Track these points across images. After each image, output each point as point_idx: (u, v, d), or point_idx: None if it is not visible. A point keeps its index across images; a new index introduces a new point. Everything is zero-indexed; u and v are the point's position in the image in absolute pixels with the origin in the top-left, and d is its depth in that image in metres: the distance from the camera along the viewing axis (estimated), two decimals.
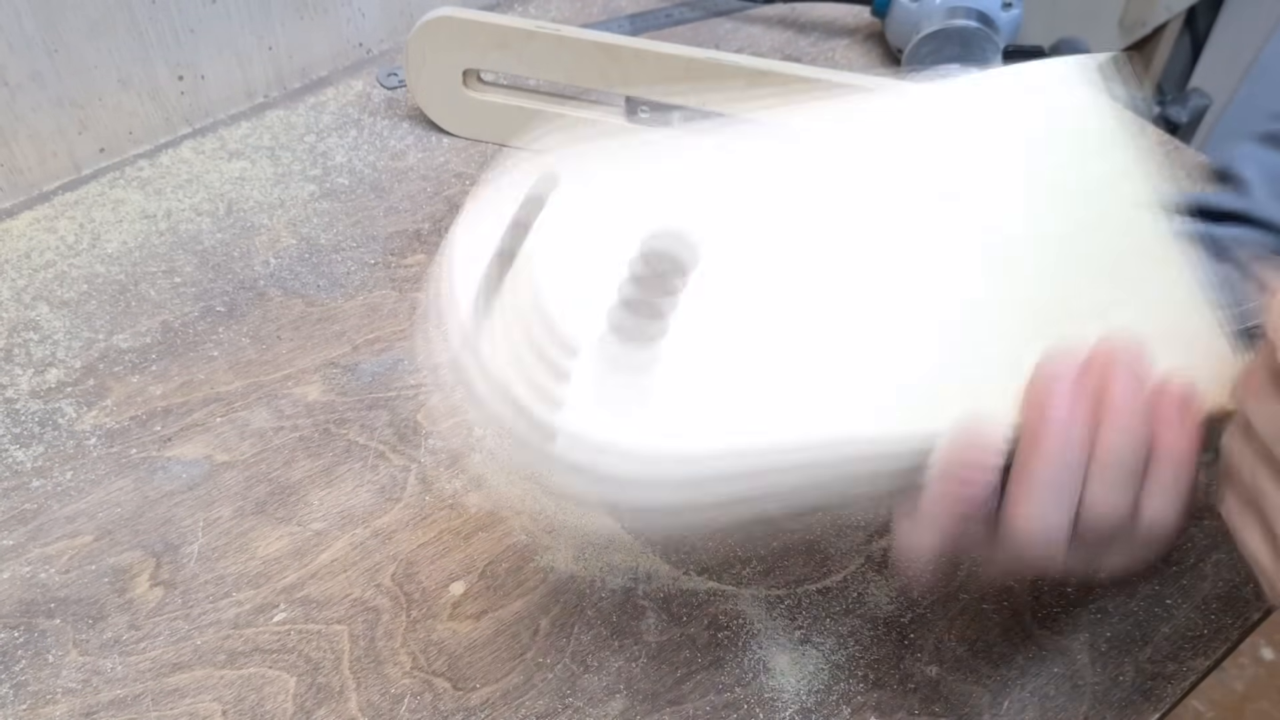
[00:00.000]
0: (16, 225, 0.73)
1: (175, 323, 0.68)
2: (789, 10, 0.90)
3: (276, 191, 0.76)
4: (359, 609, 0.55)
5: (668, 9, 0.89)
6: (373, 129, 0.80)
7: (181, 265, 0.71)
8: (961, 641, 0.54)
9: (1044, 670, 0.54)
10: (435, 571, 0.57)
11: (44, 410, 0.63)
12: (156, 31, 0.74)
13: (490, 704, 0.52)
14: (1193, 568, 0.57)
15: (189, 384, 0.65)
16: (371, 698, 0.52)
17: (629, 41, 0.72)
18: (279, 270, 0.71)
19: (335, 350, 0.66)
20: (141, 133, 0.78)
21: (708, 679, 0.53)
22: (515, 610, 0.55)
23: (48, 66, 0.71)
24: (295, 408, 0.63)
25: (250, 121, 0.81)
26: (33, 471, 0.60)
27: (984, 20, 0.80)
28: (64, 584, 0.56)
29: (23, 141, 0.73)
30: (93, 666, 0.53)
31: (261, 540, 0.58)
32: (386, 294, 0.70)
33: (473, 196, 0.44)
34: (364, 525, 0.58)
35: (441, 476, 0.60)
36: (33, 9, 0.68)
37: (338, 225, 0.74)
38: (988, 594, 0.56)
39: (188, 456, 0.61)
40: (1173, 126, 0.95)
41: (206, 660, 0.53)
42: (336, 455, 0.61)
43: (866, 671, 0.53)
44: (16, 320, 0.68)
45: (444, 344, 0.41)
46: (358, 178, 0.77)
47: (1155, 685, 0.53)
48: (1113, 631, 0.55)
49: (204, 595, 0.56)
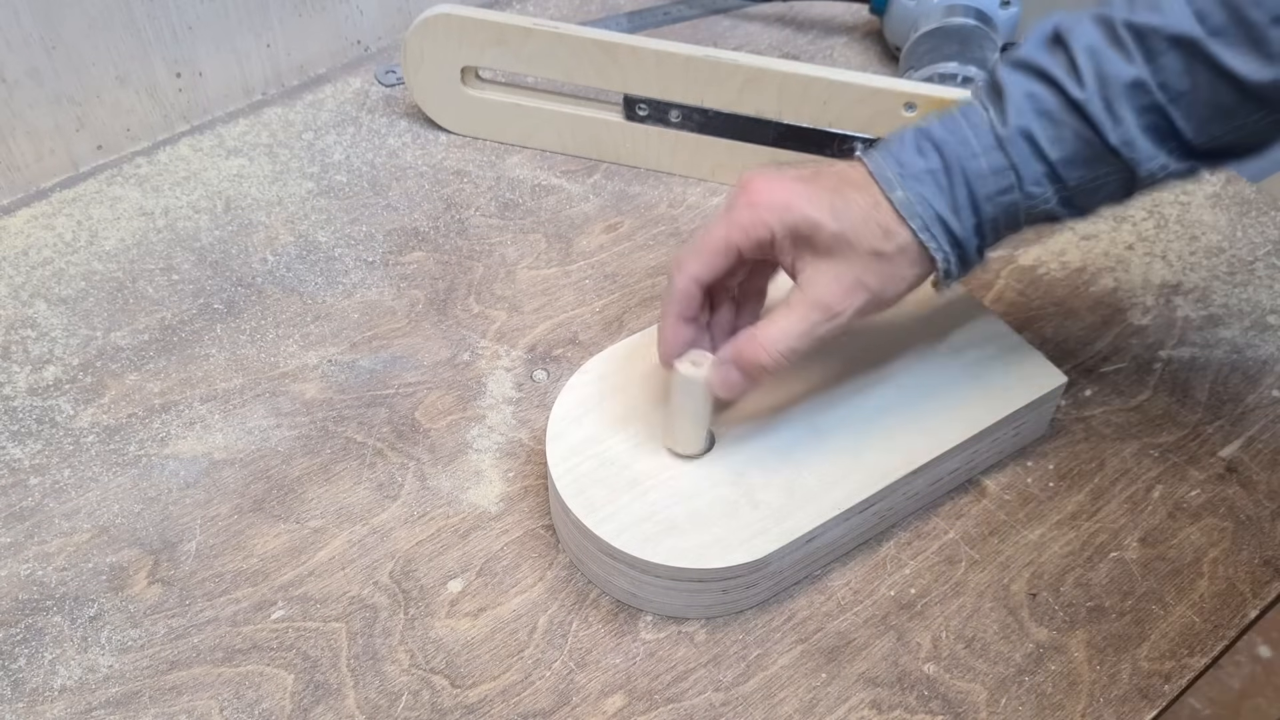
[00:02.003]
0: (14, 223, 0.73)
1: (173, 320, 0.68)
2: (787, 8, 0.90)
3: (274, 189, 0.76)
4: (357, 606, 0.55)
5: (666, 7, 0.89)
6: (371, 126, 0.80)
7: (179, 263, 0.71)
8: (959, 639, 0.55)
9: (1041, 668, 0.54)
10: (433, 569, 0.57)
11: (41, 407, 0.63)
12: (154, 29, 0.74)
13: (488, 701, 0.52)
14: (1190, 565, 0.57)
15: (187, 381, 0.65)
16: (369, 695, 0.52)
17: (627, 39, 0.72)
18: (277, 267, 0.71)
19: (333, 348, 0.66)
20: (139, 130, 0.78)
21: (705, 676, 0.53)
22: (513, 608, 0.55)
23: (45, 63, 0.71)
24: (293, 405, 0.63)
25: (248, 119, 0.81)
26: (30, 469, 0.60)
27: (982, 18, 0.80)
28: (61, 581, 0.56)
29: (20, 138, 0.73)
30: (90, 664, 0.53)
31: (259, 538, 0.58)
32: (384, 291, 0.70)
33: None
34: (362, 523, 0.58)
35: (440, 474, 0.60)
36: (31, 6, 0.68)
37: (336, 222, 0.74)
38: (985, 592, 0.56)
39: (186, 454, 0.61)
40: None
41: (204, 658, 0.53)
42: (334, 453, 0.61)
43: (865, 669, 0.53)
44: (14, 317, 0.67)
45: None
46: (356, 175, 0.77)
47: (1152, 683, 0.53)
48: (1110, 629, 0.55)
49: (202, 593, 0.56)
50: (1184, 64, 0.47)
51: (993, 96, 0.50)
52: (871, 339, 0.60)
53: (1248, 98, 0.47)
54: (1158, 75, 0.47)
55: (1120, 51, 0.47)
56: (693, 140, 0.75)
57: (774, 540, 0.52)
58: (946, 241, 0.50)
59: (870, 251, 0.50)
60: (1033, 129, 0.49)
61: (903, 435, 0.56)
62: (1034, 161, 0.49)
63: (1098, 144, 0.48)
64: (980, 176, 0.50)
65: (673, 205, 0.76)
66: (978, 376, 0.59)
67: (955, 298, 0.63)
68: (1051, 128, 0.49)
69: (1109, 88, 0.47)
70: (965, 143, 0.50)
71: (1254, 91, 0.46)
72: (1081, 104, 0.48)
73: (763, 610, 0.55)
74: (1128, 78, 0.47)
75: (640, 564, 0.52)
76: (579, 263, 0.72)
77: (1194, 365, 0.66)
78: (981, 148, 0.49)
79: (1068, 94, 0.48)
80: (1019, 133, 0.49)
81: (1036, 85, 0.49)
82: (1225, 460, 0.62)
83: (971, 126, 0.50)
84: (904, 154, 0.50)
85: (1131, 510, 0.60)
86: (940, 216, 0.50)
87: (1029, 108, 0.49)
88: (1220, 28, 0.46)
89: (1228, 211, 0.75)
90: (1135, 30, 0.47)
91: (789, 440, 0.56)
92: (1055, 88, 0.48)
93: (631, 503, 0.53)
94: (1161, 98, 0.47)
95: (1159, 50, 0.47)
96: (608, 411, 0.57)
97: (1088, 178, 0.50)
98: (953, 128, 0.50)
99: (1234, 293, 0.70)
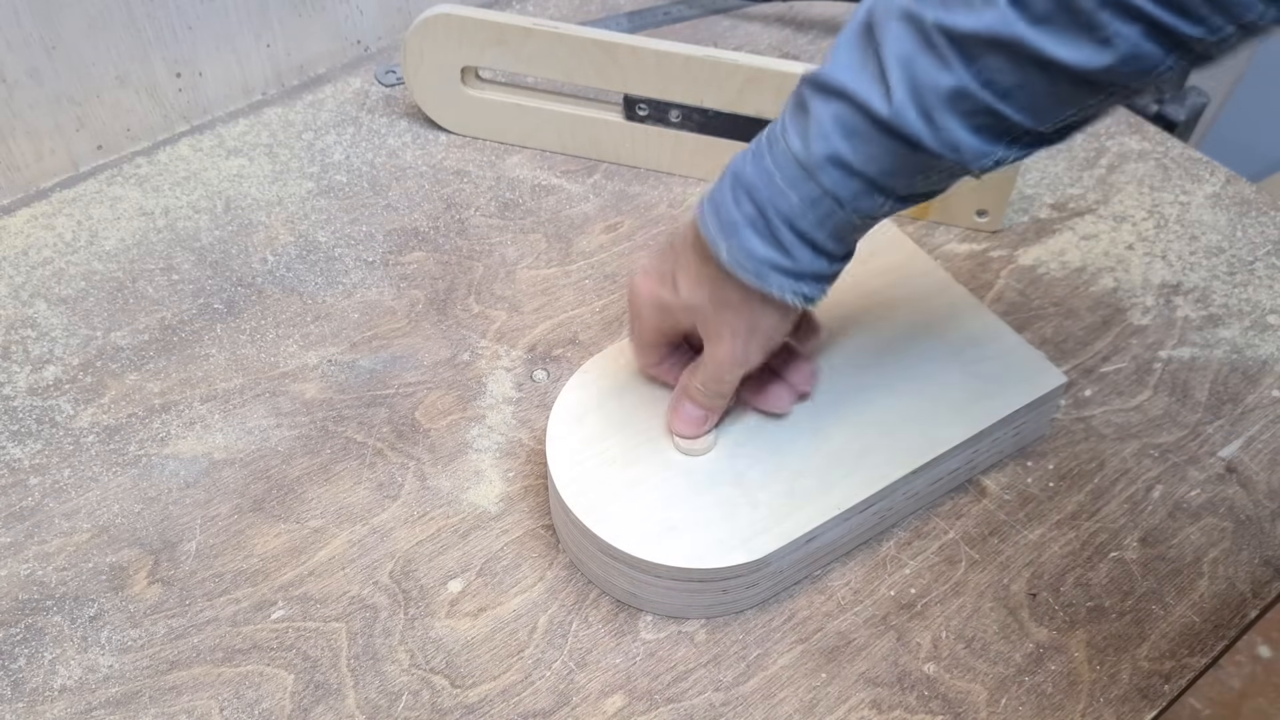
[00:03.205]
0: (14, 222, 0.73)
1: (173, 320, 0.68)
2: (787, 8, 0.90)
3: (274, 189, 0.76)
4: (357, 606, 0.55)
5: (666, 6, 0.89)
6: (371, 126, 0.80)
7: (179, 263, 0.71)
8: (959, 639, 0.55)
9: (1041, 668, 0.54)
10: (433, 569, 0.57)
11: (41, 407, 0.63)
12: (154, 28, 0.74)
13: (488, 701, 0.52)
14: (1190, 565, 0.57)
15: (187, 381, 0.65)
16: (369, 695, 0.52)
17: (627, 39, 0.72)
18: (277, 267, 0.71)
19: (333, 348, 0.66)
20: (139, 130, 0.78)
21: (705, 676, 0.53)
22: (513, 608, 0.55)
23: (45, 63, 0.71)
24: (293, 405, 0.63)
25: (248, 119, 0.81)
26: (30, 469, 0.60)
27: None
28: (61, 581, 0.56)
29: (20, 138, 0.73)
30: (90, 664, 0.53)
31: (259, 538, 0.58)
32: (384, 291, 0.70)
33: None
34: (362, 523, 0.58)
35: (440, 474, 0.60)
36: (31, 6, 0.68)
37: (335, 222, 0.74)
38: (985, 592, 0.56)
39: (186, 454, 0.61)
40: (1170, 125, 0.95)
41: (204, 658, 0.53)
42: (334, 453, 0.61)
43: (865, 669, 0.53)
44: (14, 317, 0.68)
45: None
46: (356, 175, 0.77)
47: (1152, 683, 0.53)
48: (1110, 629, 0.55)
49: (202, 593, 0.56)
50: (1008, 62, 0.42)
51: (798, 118, 0.47)
52: (872, 339, 0.61)
53: (1085, 84, 0.42)
54: (981, 76, 0.42)
55: (935, 58, 0.42)
56: (693, 140, 0.75)
57: (774, 540, 0.52)
58: (786, 279, 0.48)
59: (722, 307, 0.50)
60: (841, 152, 0.45)
61: (903, 435, 0.56)
62: (851, 181, 0.46)
63: (918, 155, 0.44)
64: (797, 212, 0.47)
65: (673, 205, 0.76)
66: (978, 376, 0.59)
67: (955, 298, 0.63)
68: (863, 146, 0.45)
69: (925, 97, 0.43)
70: (771, 182, 0.47)
71: (1090, 78, 0.41)
72: (890, 121, 0.43)
73: (763, 610, 0.55)
74: (946, 86, 0.42)
75: (640, 564, 0.52)
76: (579, 263, 0.72)
77: (1194, 365, 0.66)
78: (788, 182, 0.46)
79: (874, 114, 0.44)
80: (827, 160, 0.45)
81: (841, 107, 0.45)
82: (1225, 460, 0.62)
83: (775, 163, 0.47)
84: (724, 205, 0.48)
85: (1131, 510, 0.60)
86: (770, 262, 0.48)
87: (835, 131, 0.45)
88: (1046, 14, 0.40)
89: (1228, 211, 0.75)
90: (948, 34, 0.42)
91: (789, 440, 0.56)
92: (860, 108, 0.44)
93: (631, 503, 0.53)
94: (989, 97, 0.42)
95: (977, 53, 0.42)
96: (608, 411, 0.57)
97: (917, 182, 0.47)
98: (760, 166, 0.47)
99: (1234, 293, 0.70)
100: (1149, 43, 0.40)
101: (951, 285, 0.64)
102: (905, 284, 0.63)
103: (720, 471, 0.55)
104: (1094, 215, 0.75)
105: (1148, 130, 0.81)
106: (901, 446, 0.56)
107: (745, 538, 0.52)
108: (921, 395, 0.58)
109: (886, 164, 0.45)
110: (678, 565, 0.51)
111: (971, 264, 0.72)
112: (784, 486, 0.54)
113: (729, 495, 0.54)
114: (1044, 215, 0.75)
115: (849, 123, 0.45)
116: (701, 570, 0.52)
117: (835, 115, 0.45)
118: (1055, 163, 0.78)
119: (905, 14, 0.43)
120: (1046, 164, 0.78)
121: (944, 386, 0.59)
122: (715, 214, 0.48)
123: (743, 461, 0.55)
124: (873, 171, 0.45)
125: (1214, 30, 0.39)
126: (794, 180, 0.46)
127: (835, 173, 0.45)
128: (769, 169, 0.47)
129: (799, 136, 0.46)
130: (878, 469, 0.55)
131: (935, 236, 0.73)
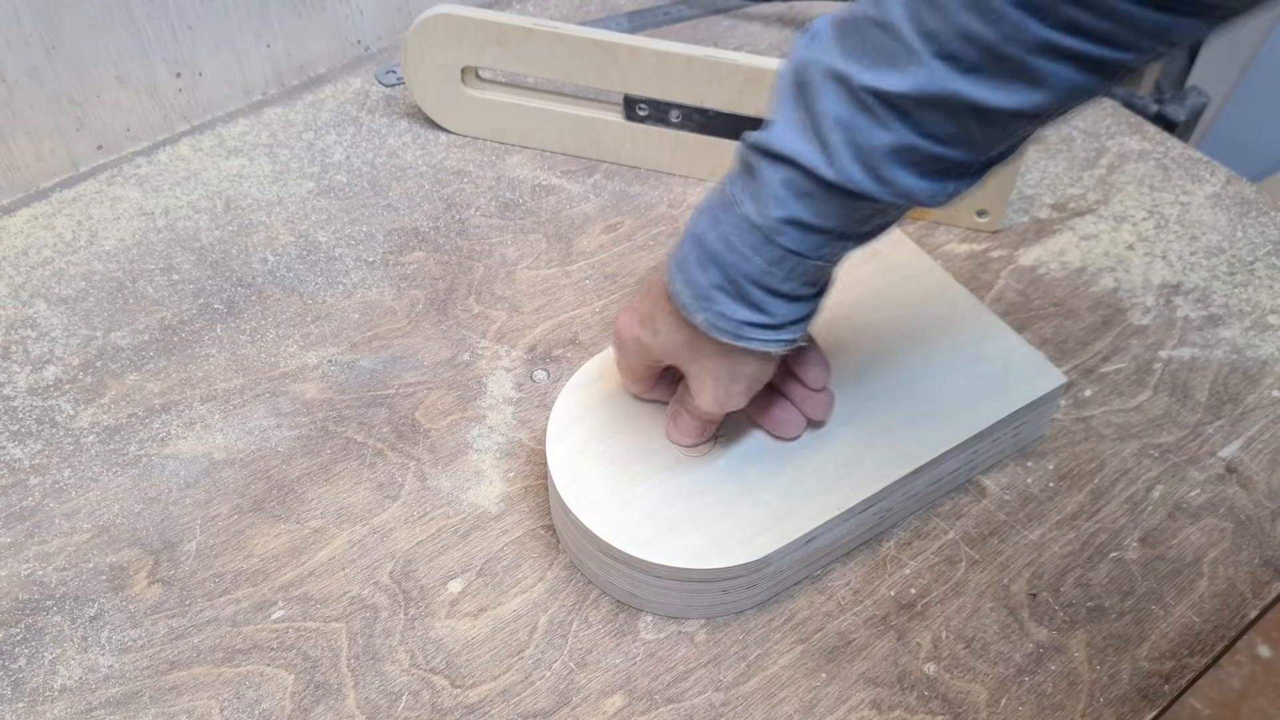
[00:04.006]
0: (14, 222, 0.73)
1: (173, 320, 0.68)
2: (787, 8, 0.90)
3: (274, 189, 0.76)
4: (357, 606, 0.55)
5: (666, 6, 0.89)
6: (371, 126, 0.80)
7: (179, 263, 0.71)
8: (959, 640, 0.55)
9: (1041, 668, 0.54)
10: (433, 569, 0.57)
11: (42, 407, 0.63)
12: (154, 28, 0.74)
13: (488, 701, 0.52)
14: (1190, 566, 0.57)
15: (187, 381, 0.65)
16: (369, 695, 0.52)
17: (627, 39, 0.72)
18: (277, 268, 0.71)
19: (333, 348, 0.66)
20: (139, 130, 0.78)
21: (706, 676, 0.53)
22: (513, 608, 0.55)
23: (45, 63, 0.71)
24: (293, 405, 0.63)
25: (248, 119, 0.81)
26: (30, 469, 0.60)
27: None
28: (61, 581, 0.56)
29: (20, 138, 0.73)
30: (90, 664, 0.53)
31: (259, 538, 0.58)
32: (384, 291, 0.70)
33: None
34: (362, 523, 0.58)
35: (440, 474, 0.60)
36: (31, 6, 0.68)
37: (336, 223, 0.74)
38: (985, 592, 0.56)
39: (186, 454, 0.61)
40: (1170, 125, 0.95)
41: (204, 658, 0.53)
42: (335, 453, 0.61)
43: (865, 669, 0.53)
44: (14, 317, 0.68)
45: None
46: (356, 175, 0.77)
47: (1152, 683, 0.53)
48: (1110, 629, 0.55)
49: (202, 593, 0.56)
50: (944, 115, 0.41)
51: (748, 183, 0.46)
52: (872, 339, 0.61)
53: (1023, 119, 0.42)
54: (919, 130, 0.42)
55: (871, 118, 0.42)
56: (693, 140, 0.75)
57: (774, 540, 0.52)
58: (766, 333, 0.48)
59: (701, 358, 0.50)
60: (797, 214, 0.45)
61: (903, 435, 0.56)
62: (810, 237, 0.46)
63: (870, 205, 0.44)
64: (763, 273, 0.47)
65: (673, 205, 0.76)
66: (978, 377, 0.59)
67: (955, 298, 0.63)
68: (817, 205, 0.45)
69: (869, 156, 0.43)
70: (733, 249, 0.47)
71: (1029, 114, 0.41)
72: (838, 182, 0.43)
73: (763, 610, 0.56)
74: (887, 145, 0.42)
75: (640, 564, 0.52)
76: (579, 263, 0.72)
77: (1194, 365, 0.66)
78: (749, 248, 0.46)
79: (822, 177, 0.43)
80: (783, 223, 0.45)
81: (789, 172, 0.44)
82: (1225, 460, 0.62)
83: (733, 228, 0.46)
84: (691, 271, 0.48)
85: (1131, 510, 0.60)
86: (747, 322, 0.48)
87: (787, 194, 0.45)
88: (976, 65, 0.40)
89: (1228, 211, 0.75)
90: (880, 97, 0.41)
91: (789, 440, 0.56)
92: (807, 173, 0.44)
93: (631, 503, 0.53)
94: (931, 146, 0.42)
95: (913, 111, 0.41)
96: (608, 412, 0.57)
97: (877, 224, 0.47)
98: (719, 232, 0.47)
99: (1234, 293, 0.70)
100: (1082, 75, 0.40)
101: (951, 285, 0.64)
102: (905, 284, 0.63)
103: (720, 471, 0.55)
104: (1094, 215, 0.75)
105: (1148, 130, 0.81)
106: (901, 447, 0.56)
107: (745, 538, 0.52)
108: (921, 395, 0.58)
109: (843, 217, 0.45)
110: (678, 565, 0.51)
111: (971, 264, 0.72)
112: (784, 486, 0.54)
113: (729, 495, 0.54)
114: (1044, 215, 0.75)
115: (799, 185, 0.44)
116: (701, 570, 0.52)
117: (784, 180, 0.45)
118: (1055, 163, 0.78)
119: (834, 75, 0.43)
120: (1046, 164, 0.78)
121: (944, 387, 0.59)
122: (685, 282, 0.48)
123: (743, 461, 0.55)
124: (831, 225, 0.45)
125: (1144, 52, 0.40)
126: (755, 245, 0.46)
127: (794, 233, 0.45)
128: (728, 236, 0.47)
129: (751, 200, 0.46)
130: (878, 469, 0.55)
131: (935, 236, 0.73)
